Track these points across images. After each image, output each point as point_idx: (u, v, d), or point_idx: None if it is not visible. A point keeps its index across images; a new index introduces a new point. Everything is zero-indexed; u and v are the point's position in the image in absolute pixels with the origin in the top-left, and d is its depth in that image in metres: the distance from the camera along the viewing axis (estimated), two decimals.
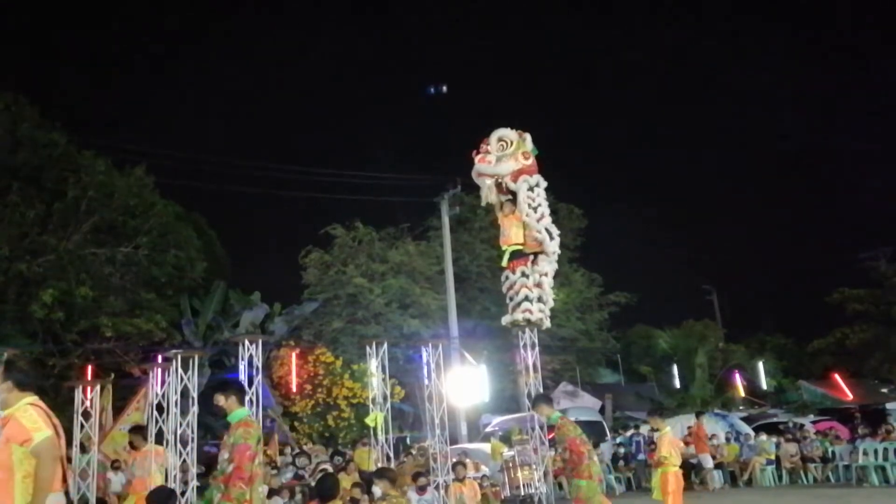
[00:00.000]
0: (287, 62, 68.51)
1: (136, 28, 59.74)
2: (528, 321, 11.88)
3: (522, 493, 12.08)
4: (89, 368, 15.36)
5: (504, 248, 12.22)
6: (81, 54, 54.77)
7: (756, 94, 65.05)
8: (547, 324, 12.23)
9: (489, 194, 12.38)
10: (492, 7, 70.76)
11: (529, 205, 12.01)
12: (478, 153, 12.45)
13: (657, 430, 8.64)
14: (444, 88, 24.53)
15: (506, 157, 12.23)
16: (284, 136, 61.15)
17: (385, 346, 11.80)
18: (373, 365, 11.73)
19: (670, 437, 8.35)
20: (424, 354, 12.13)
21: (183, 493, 9.94)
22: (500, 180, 12.32)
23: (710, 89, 66.64)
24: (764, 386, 30.15)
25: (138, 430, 9.45)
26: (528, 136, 12.35)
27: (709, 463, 15.77)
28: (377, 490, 7.71)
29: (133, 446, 9.27)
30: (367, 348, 11.93)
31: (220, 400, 5.58)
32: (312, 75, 67.05)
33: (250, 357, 10.03)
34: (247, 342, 10.16)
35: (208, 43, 67.15)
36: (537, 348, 12.01)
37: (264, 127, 62.10)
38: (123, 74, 55.42)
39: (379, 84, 68.38)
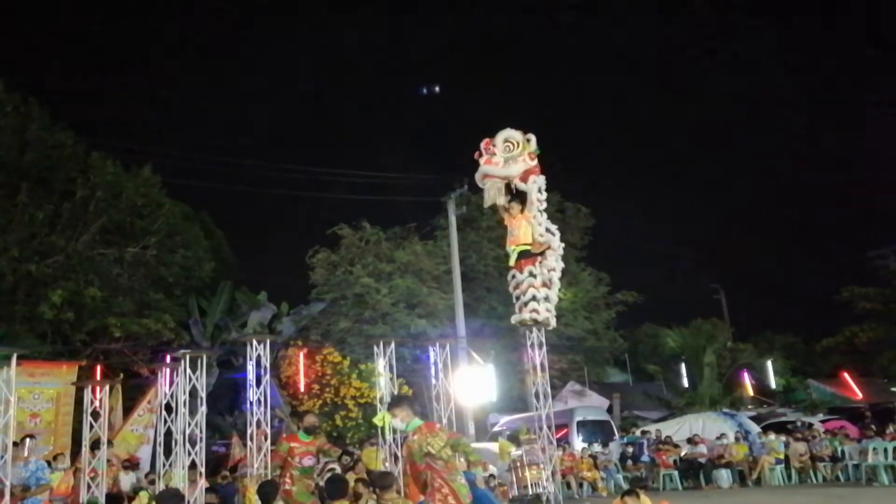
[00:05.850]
0: (294, 61, 68.66)
1: (143, 29, 59.96)
2: (535, 321, 11.87)
3: (530, 493, 12.08)
4: (98, 369, 15.43)
5: (512, 248, 12.20)
6: (89, 55, 55.00)
7: (765, 93, 64.81)
8: (553, 323, 12.21)
9: (497, 196, 12.30)
10: (499, 5, 70.71)
11: (538, 208, 12.05)
12: (481, 155, 12.37)
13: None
14: (437, 89, 24.80)
15: (513, 158, 12.18)
16: (291, 136, 61.29)
17: (392, 345, 11.78)
18: (380, 364, 11.72)
19: None
20: (432, 354, 12.12)
21: None
22: (509, 181, 12.27)
23: (718, 88, 66.43)
24: (773, 385, 30.02)
25: None
26: (532, 137, 12.31)
27: None
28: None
29: None
30: (375, 348, 11.92)
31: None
32: (319, 74, 67.18)
33: (258, 357, 10.06)
34: (255, 342, 10.19)
35: (214, 44, 67.36)
36: (545, 347, 11.97)
37: (272, 127, 62.29)
38: (131, 75, 55.63)
39: (385, 83, 68.45)
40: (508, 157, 12.20)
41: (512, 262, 12.13)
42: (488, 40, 70.59)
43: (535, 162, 12.25)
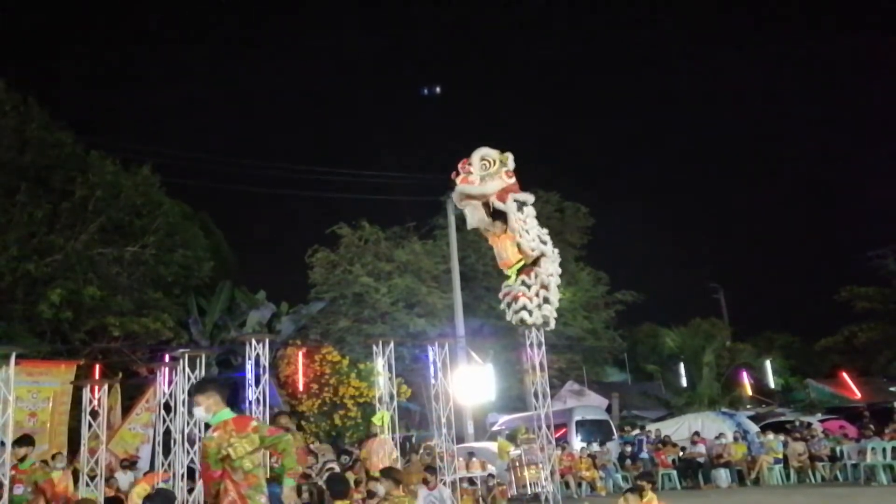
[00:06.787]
0: (294, 61, 68.62)
1: (142, 28, 59.96)
2: (523, 321, 11.63)
3: (529, 492, 12.11)
4: (97, 368, 15.43)
5: (507, 270, 11.95)
6: (88, 55, 54.99)
7: (763, 94, 64.86)
8: (553, 324, 12.12)
9: (480, 216, 12.00)
10: (498, 6, 70.72)
11: (521, 226, 11.68)
12: (457, 174, 12.03)
13: None
14: (438, 89, 24.88)
15: (489, 175, 11.86)
16: (291, 136, 61.29)
17: (391, 345, 11.81)
18: (379, 364, 11.75)
19: None
20: (431, 353, 12.14)
21: (191, 491, 10.00)
22: (486, 200, 11.93)
23: (717, 89, 66.45)
24: (771, 384, 30.02)
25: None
26: (509, 155, 11.99)
27: None
28: (380, 489, 7.64)
29: None
30: (374, 347, 11.95)
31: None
32: (318, 74, 67.18)
33: (257, 356, 10.08)
34: (254, 341, 10.21)
35: (214, 43, 67.36)
36: (544, 347, 11.93)
37: (271, 126, 62.27)
38: (130, 74, 55.62)
39: (384, 83, 68.40)
40: (485, 175, 11.86)
41: (512, 281, 11.86)
42: (489, 40, 70.66)
43: (513, 180, 11.89)
